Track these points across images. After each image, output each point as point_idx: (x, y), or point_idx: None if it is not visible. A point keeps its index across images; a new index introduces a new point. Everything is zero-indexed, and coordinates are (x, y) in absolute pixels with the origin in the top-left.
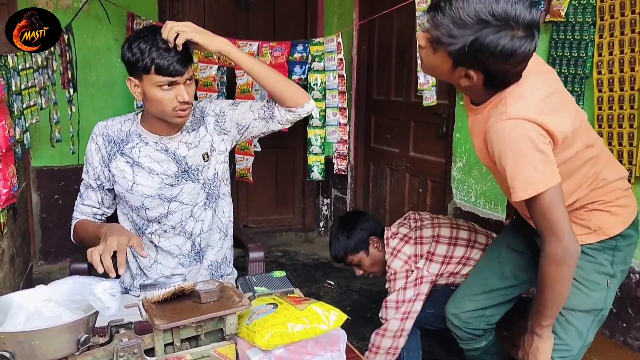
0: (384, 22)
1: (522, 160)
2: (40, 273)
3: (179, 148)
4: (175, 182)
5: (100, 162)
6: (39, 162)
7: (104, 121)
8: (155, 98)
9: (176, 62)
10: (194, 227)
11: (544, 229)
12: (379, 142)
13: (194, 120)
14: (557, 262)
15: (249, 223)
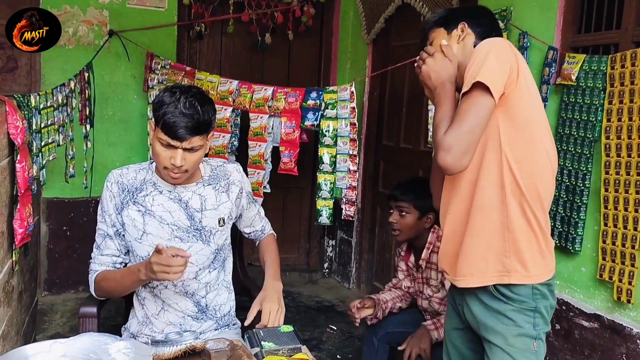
0: (396, 70)
1: (487, 60)
2: (44, 304)
3: (192, 199)
4: (185, 237)
5: (114, 209)
6: (50, 193)
7: (118, 169)
8: (154, 150)
9: (182, 128)
10: (198, 289)
11: (452, 122)
12: (386, 187)
13: (213, 176)
14: (440, 146)
15: (253, 261)
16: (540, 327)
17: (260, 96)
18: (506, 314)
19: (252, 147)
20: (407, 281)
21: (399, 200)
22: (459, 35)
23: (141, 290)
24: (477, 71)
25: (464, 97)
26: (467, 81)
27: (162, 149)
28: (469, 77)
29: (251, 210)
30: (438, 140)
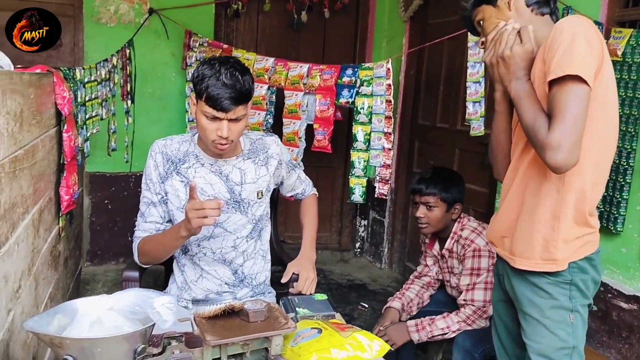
0: (434, 48)
1: (576, 45)
2: (86, 274)
3: (232, 172)
4: (225, 209)
5: (158, 178)
6: (92, 167)
7: (162, 140)
8: (200, 124)
9: (225, 99)
10: (235, 257)
11: (552, 117)
12: (421, 167)
13: (252, 149)
14: (547, 146)
15: (286, 239)
16: (577, 299)
17: (296, 73)
18: (542, 286)
19: (287, 125)
20: (436, 267)
21: (425, 194)
22: (507, 3)
23: (181, 257)
24: (569, 61)
25: (555, 86)
26: (556, 69)
27: (208, 122)
28: (558, 65)
29: (291, 177)
30: (542, 140)
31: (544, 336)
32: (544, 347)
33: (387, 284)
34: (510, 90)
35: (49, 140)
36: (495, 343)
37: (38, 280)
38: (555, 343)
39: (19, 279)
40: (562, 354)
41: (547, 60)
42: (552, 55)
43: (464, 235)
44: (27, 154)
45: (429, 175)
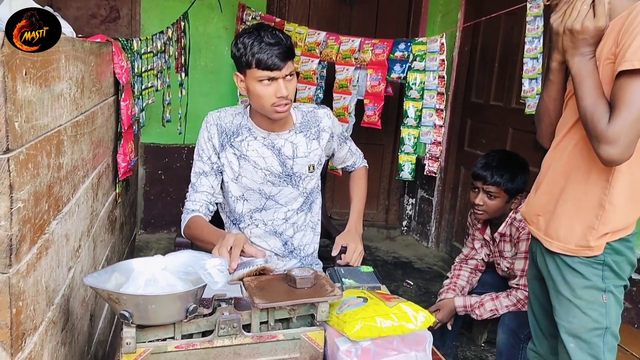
0: (490, 23)
1: None
2: (140, 241)
3: (284, 146)
4: (277, 182)
5: (212, 149)
6: (147, 138)
7: (216, 112)
8: (256, 92)
9: (275, 57)
10: (286, 229)
11: (615, 109)
12: (472, 146)
13: (304, 122)
14: (604, 139)
15: (333, 215)
16: (610, 280)
17: (347, 48)
18: (574, 266)
19: (337, 100)
20: (485, 249)
21: (489, 184)
22: None
23: (232, 228)
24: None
25: (625, 76)
26: (633, 59)
27: (264, 87)
28: (635, 55)
29: (342, 150)
30: (600, 131)
31: (575, 316)
32: (575, 326)
33: (433, 263)
34: (572, 65)
35: (107, 108)
36: (530, 320)
37: (96, 242)
38: (587, 323)
39: (79, 238)
40: (594, 335)
41: (620, 43)
42: (629, 42)
43: (518, 218)
44: (87, 119)
45: (496, 162)
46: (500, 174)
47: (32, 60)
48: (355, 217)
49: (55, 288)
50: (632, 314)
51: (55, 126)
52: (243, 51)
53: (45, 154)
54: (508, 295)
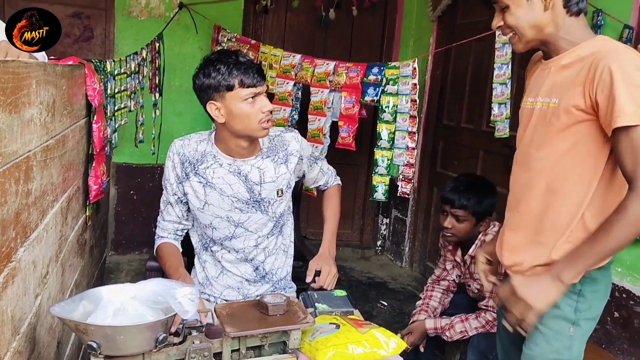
0: (461, 49)
1: (634, 86)
2: (111, 263)
3: (251, 172)
4: (245, 208)
5: (176, 179)
6: (119, 158)
7: (180, 140)
8: (243, 113)
9: (256, 73)
10: (257, 254)
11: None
12: (445, 168)
13: (271, 147)
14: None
15: (308, 235)
16: (582, 312)
17: (322, 70)
18: None
19: (312, 121)
20: (456, 271)
21: (456, 207)
22: (545, 3)
23: (203, 254)
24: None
25: (629, 134)
26: (621, 117)
27: (249, 105)
28: (621, 112)
29: (313, 171)
30: None
31: (538, 344)
32: (536, 354)
33: (407, 283)
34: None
35: (79, 130)
36: (498, 347)
37: (65, 267)
38: (548, 353)
39: (46, 265)
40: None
41: (594, 98)
42: (604, 97)
43: (487, 240)
44: (57, 143)
45: (464, 186)
46: (468, 198)
47: (2, 87)
48: (329, 239)
49: (22, 317)
50: (599, 334)
51: (25, 152)
52: (221, 77)
53: (14, 180)
54: (477, 316)
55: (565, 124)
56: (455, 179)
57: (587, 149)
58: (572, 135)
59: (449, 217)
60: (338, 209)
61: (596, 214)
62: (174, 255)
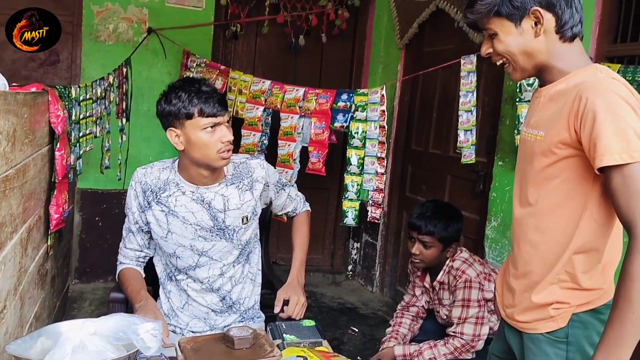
0: (428, 76)
1: (620, 120)
2: (74, 292)
3: (214, 199)
4: (209, 237)
5: (138, 208)
6: (84, 184)
7: (143, 168)
8: (202, 142)
9: (217, 103)
10: (223, 284)
11: (637, 213)
12: (414, 192)
13: (236, 174)
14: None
15: (278, 260)
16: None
17: (292, 96)
18: (538, 343)
19: (282, 147)
20: (425, 296)
21: (423, 234)
22: (535, 29)
23: (167, 284)
24: (626, 142)
25: (618, 175)
26: (607, 155)
27: (209, 134)
28: (607, 150)
29: (281, 197)
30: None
31: None
32: None
33: (377, 308)
34: None
35: (40, 158)
36: None
37: (24, 300)
38: None
39: (4, 298)
40: None
41: (579, 132)
42: (588, 133)
43: (455, 266)
44: (18, 173)
45: (430, 212)
46: (434, 224)
47: None
48: (297, 267)
49: None
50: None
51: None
52: (181, 104)
53: None
54: (446, 343)
55: (552, 159)
56: (422, 205)
57: (574, 185)
58: (559, 171)
59: (417, 243)
60: (307, 236)
61: (585, 253)
62: (135, 279)
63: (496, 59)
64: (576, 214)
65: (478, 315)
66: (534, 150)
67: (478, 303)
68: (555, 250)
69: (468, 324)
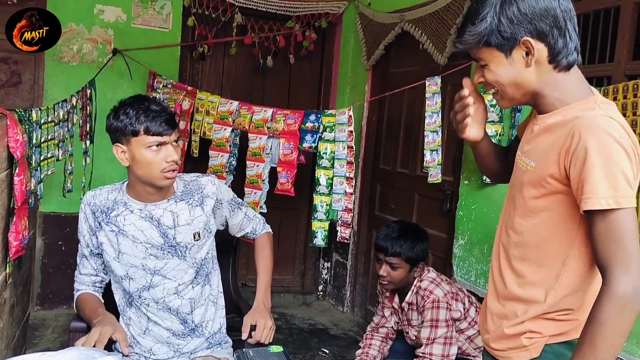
0: (394, 96)
1: (612, 164)
2: (36, 319)
3: (163, 216)
4: (160, 255)
5: (89, 231)
6: (47, 207)
7: (92, 191)
8: (145, 160)
9: (164, 123)
10: (181, 305)
11: (613, 258)
12: (382, 211)
13: (186, 191)
14: (622, 305)
15: (247, 282)
16: None
17: (260, 117)
18: None
19: (250, 167)
20: (394, 317)
21: (390, 255)
22: (526, 60)
23: (126, 311)
24: (613, 187)
25: (602, 219)
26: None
27: (154, 153)
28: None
29: (237, 217)
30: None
31: None
32: None
33: (348, 329)
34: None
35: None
36: None
37: None
38: None
39: None
40: None
41: (568, 169)
42: (577, 172)
43: (423, 286)
44: None
45: (396, 233)
46: (400, 245)
47: None
48: (262, 291)
49: None
50: None
51: None
52: (128, 121)
53: None
54: None
55: (540, 192)
56: (387, 226)
57: (561, 221)
58: (547, 205)
59: (384, 265)
60: (270, 258)
61: (571, 295)
62: (92, 301)
63: (488, 88)
64: (563, 251)
65: (446, 336)
66: (523, 180)
67: (446, 323)
68: (540, 285)
69: (437, 345)
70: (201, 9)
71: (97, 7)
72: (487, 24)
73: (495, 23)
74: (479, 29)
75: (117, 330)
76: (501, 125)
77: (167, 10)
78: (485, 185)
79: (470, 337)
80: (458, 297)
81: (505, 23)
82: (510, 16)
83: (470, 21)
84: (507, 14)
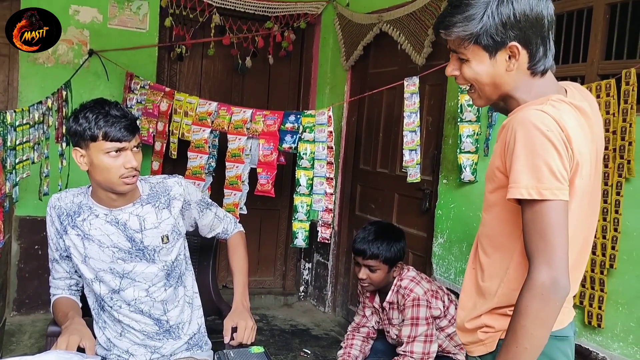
0: (373, 96)
1: (535, 155)
2: (12, 325)
3: (129, 220)
4: (128, 258)
5: (55, 234)
6: (22, 211)
7: (58, 193)
8: (103, 165)
9: (124, 129)
10: (153, 307)
11: (536, 250)
12: (363, 211)
13: (152, 194)
14: (541, 295)
15: (228, 284)
16: None
17: (239, 118)
18: None
19: (230, 169)
20: (375, 317)
21: (368, 258)
22: (509, 63)
23: (100, 315)
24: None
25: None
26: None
27: (112, 159)
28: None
29: (206, 217)
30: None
31: None
32: None
33: (330, 329)
34: None
35: None
36: None
37: None
38: None
39: None
40: None
41: (506, 163)
42: (509, 163)
43: (403, 285)
44: None
45: (372, 236)
46: (377, 247)
47: None
48: (240, 292)
49: None
50: None
51: None
52: (87, 125)
53: None
54: None
55: (492, 186)
56: (364, 228)
57: (510, 216)
58: (497, 199)
59: (363, 268)
60: (245, 258)
61: (518, 290)
62: (65, 305)
63: (461, 82)
64: (511, 245)
65: (427, 333)
66: (487, 176)
67: (426, 321)
68: (495, 278)
69: (417, 342)
70: (178, 10)
71: (72, 7)
72: (482, 24)
73: (490, 24)
74: (473, 28)
75: (85, 336)
76: (478, 124)
77: (144, 11)
78: (463, 184)
79: (450, 335)
80: (438, 295)
81: (499, 26)
82: (505, 20)
83: (459, 12)
84: (503, 17)
